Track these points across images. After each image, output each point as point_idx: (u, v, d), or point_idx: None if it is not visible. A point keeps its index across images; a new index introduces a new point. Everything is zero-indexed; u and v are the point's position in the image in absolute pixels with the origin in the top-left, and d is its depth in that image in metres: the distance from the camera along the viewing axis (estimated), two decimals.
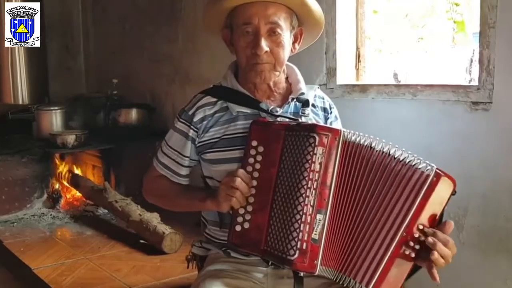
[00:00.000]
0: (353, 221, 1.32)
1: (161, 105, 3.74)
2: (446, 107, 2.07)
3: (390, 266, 1.27)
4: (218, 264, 1.55)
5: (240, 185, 1.34)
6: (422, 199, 1.26)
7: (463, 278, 2.05)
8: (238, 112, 1.51)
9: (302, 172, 1.29)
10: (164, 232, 2.55)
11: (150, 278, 2.27)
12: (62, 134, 3.42)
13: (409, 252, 1.27)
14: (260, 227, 1.34)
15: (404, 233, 1.26)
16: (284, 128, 1.37)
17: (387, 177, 1.29)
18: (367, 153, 1.32)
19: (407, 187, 1.27)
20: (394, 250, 1.27)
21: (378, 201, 1.29)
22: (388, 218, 1.28)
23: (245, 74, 1.53)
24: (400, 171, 1.28)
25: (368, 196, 1.30)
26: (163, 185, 1.59)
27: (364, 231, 1.30)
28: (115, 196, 3.06)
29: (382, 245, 1.28)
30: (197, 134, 1.53)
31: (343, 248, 1.32)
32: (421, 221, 1.27)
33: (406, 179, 1.28)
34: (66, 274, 2.32)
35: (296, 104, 1.55)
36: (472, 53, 2.20)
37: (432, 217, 1.28)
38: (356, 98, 2.39)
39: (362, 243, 1.30)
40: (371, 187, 1.30)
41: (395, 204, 1.28)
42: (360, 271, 1.29)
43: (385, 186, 1.29)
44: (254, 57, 1.47)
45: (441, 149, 2.05)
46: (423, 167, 1.28)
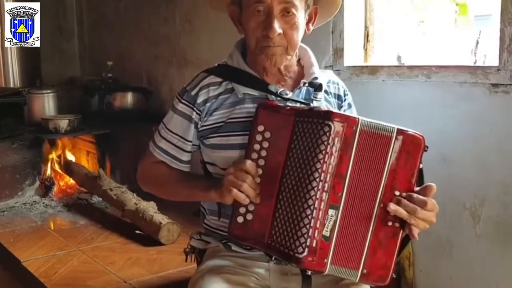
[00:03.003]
0: (359, 212, 1.24)
1: (158, 88, 3.64)
2: (462, 90, 1.94)
3: (376, 242, 1.23)
4: (218, 259, 1.47)
5: (248, 180, 1.24)
6: (391, 163, 1.21)
7: (478, 272, 1.96)
8: (245, 94, 1.40)
9: (315, 163, 1.19)
10: (161, 222, 2.44)
11: (146, 271, 2.16)
12: (54, 118, 3.30)
13: (392, 223, 1.23)
14: (264, 219, 1.26)
15: (382, 204, 1.22)
16: (294, 113, 1.27)
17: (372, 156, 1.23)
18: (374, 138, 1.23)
19: (379, 157, 1.22)
20: (376, 225, 1.22)
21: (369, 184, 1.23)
22: (370, 195, 1.23)
23: (254, 57, 1.42)
24: (377, 143, 1.22)
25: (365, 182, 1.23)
26: (161, 173, 1.49)
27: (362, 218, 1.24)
28: (110, 183, 2.95)
29: (365, 224, 1.23)
30: (200, 117, 1.42)
31: (351, 244, 1.24)
32: (397, 187, 1.22)
33: (376, 149, 1.22)
34: (57, 267, 2.20)
35: (308, 89, 1.44)
36: (479, 34, 2.10)
37: (408, 180, 1.23)
38: (365, 80, 2.26)
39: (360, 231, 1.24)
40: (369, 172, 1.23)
41: (372, 178, 1.23)
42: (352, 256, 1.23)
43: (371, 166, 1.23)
44: (265, 40, 1.35)
45: (457, 134, 1.94)
46: (387, 130, 1.21)
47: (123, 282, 2.04)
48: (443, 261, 2.04)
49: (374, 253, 1.23)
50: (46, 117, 3.36)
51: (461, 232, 1.96)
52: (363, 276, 1.24)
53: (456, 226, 1.98)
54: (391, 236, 1.24)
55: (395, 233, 1.24)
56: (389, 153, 1.22)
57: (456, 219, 1.97)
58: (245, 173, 1.25)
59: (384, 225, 1.23)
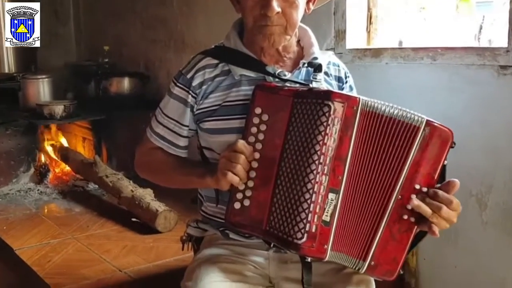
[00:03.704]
0: (364, 197, 1.19)
1: (155, 73, 3.56)
2: (469, 72, 1.88)
3: (389, 235, 1.18)
4: (215, 248, 1.44)
5: (241, 160, 1.19)
6: (415, 155, 1.15)
7: (484, 261, 1.91)
8: (241, 76, 1.35)
9: (314, 145, 1.15)
10: (157, 210, 2.38)
11: (142, 260, 2.10)
12: (49, 104, 3.23)
13: (408, 217, 1.17)
14: (262, 205, 1.21)
15: (400, 196, 1.17)
16: (293, 94, 1.22)
17: (388, 142, 1.17)
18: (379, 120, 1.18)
19: (400, 145, 1.16)
20: (390, 217, 1.17)
21: (380, 170, 1.18)
22: (384, 184, 1.18)
23: (252, 37, 1.36)
24: (395, 130, 1.17)
25: (375, 167, 1.18)
26: (158, 159, 1.45)
27: (370, 205, 1.19)
28: (106, 170, 2.89)
29: (378, 213, 1.18)
30: (196, 101, 1.38)
31: (355, 230, 1.19)
32: (418, 181, 1.16)
33: (398, 137, 1.17)
34: (51, 255, 2.14)
35: (308, 70, 1.38)
36: (482, 19, 2.05)
37: (430, 175, 1.17)
38: (368, 64, 2.20)
39: (366, 218, 1.20)
40: (378, 157, 1.18)
41: (390, 168, 1.17)
42: (360, 246, 1.19)
43: (385, 151, 1.17)
44: (263, 18, 1.30)
45: (464, 118, 1.87)
46: (413, 120, 1.15)
47: (118, 271, 1.99)
48: (448, 250, 1.99)
49: (385, 246, 1.18)
50: (41, 102, 3.29)
51: (467, 220, 1.90)
52: (370, 268, 1.20)
53: (462, 213, 1.88)
54: (405, 230, 1.18)
55: (410, 228, 1.18)
56: (414, 144, 1.16)
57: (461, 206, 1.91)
58: (239, 155, 1.20)
59: (399, 218, 1.18)
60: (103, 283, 1.88)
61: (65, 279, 1.90)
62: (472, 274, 1.94)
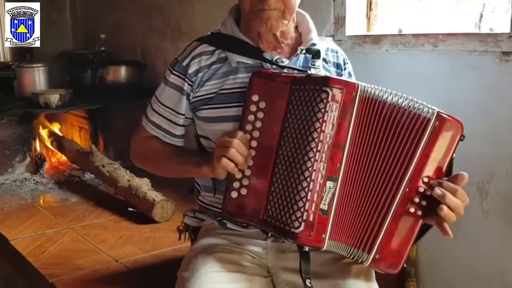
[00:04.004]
0: (364, 186, 1.17)
1: (152, 61, 3.52)
2: (471, 59, 1.84)
3: (394, 228, 1.16)
4: (212, 237, 1.42)
5: (238, 148, 1.17)
6: (424, 148, 1.13)
7: (485, 250, 1.88)
8: (238, 63, 1.33)
9: (312, 132, 1.14)
10: (154, 200, 2.35)
11: (139, 250, 2.07)
12: (45, 93, 3.19)
13: (414, 210, 1.15)
14: (260, 193, 1.20)
15: (407, 189, 1.14)
16: (290, 81, 1.20)
17: (394, 131, 1.15)
18: (381, 107, 1.15)
19: (409, 137, 1.14)
20: (397, 209, 1.15)
21: (385, 160, 1.16)
22: (391, 176, 1.16)
23: (249, 22, 1.33)
24: (404, 120, 1.15)
25: (378, 156, 1.17)
26: (154, 148, 1.43)
27: (372, 195, 1.17)
28: (102, 160, 2.85)
29: (384, 205, 1.16)
30: (192, 88, 1.36)
31: (354, 219, 1.17)
32: (426, 173, 1.14)
33: (407, 128, 1.14)
34: (46, 246, 2.11)
35: (306, 56, 1.36)
36: (483, 7, 2.00)
37: (439, 168, 1.15)
38: (368, 51, 2.16)
39: (369, 209, 1.18)
40: (381, 146, 1.16)
41: (398, 159, 1.15)
42: (364, 238, 1.17)
43: (391, 141, 1.15)
44: (260, 2, 1.27)
45: (465, 106, 1.84)
46: (424, 111, 1.13)
47: (114, 261, 1.96)
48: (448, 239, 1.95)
49: (390, 239, 1.16)
50: (36, 91, 3.25)
51: (468, 208, 1.82)
52: (375, 261, 1.18)
53: None
54: (411, 223, 1.16)
55: (416, 221, 1.16)
56: (424, 136, 1.14)
57: None
58: (235, 142, 1.19)
59: (406, 211, 1.16)
60: (99, 274, 1.85)
61: (61, 270, 1.87)
62: (472, 263, 1.92)
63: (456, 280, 1.97)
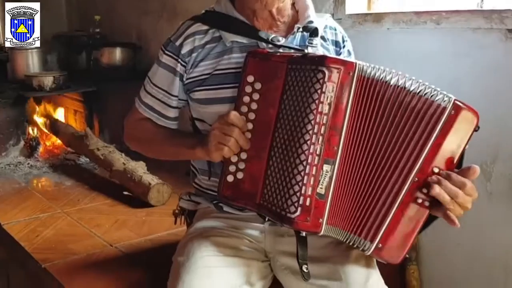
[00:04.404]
0: (365, 171, 1.12)
1: (148, 43, 3.44)
2: (476, 36, 1.78)
3: (400, 217, 1.11)
4: (208, 221, 1.40)
5: (235, 133, 1.14)
6: (437, 137, 1.09)
7: (488, 233, 1.84)
8: (233, 42, 1.29)
9: (308, 114, 1.10)
10: (150, 183, 2.30)
11: (134, 234, 2.03)
12: (38, 75, 3.12)
13: (422, 200, 1.10)
14: (256, 177, 1.18)
15: (416, 178, 1.10)
16: (286, 61, 1.17)
17: (401, 116, 1.11)
18: (384, 89, 1.10)
19: (421, 124, 1.10)
20: (404, 199, 1.11)
21: (391, 145, 1.12)
22: (399, 163, 1.11)
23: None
24: (416, 106, 1.10)
25: (382, 140, 1.12)
26: (147, 130, 1.40)
27: (375, 181, 1.13)
28: (97, 143, 2.80)
29: (390, 193, 1.12)
30: (185, 69, 1.32)
31: (353, 204, 1.14)
32: (437, 163, 1.10)
33: (419, 114, 1.10)
34: (40, 230, 2.07)
35: (303, 35, 1.32)
36: None
37: (450, 158, 1.10)
38: (368, 29, 2.10)
39: (372, 195, 1.14)
40: (385, 129, 1.12)
41: (407, 146, 1.11)
42: (367, 226, 1.13)
43: (399, 126, 1.11)
44: None
45: (469, 85, 1.78)
46: (439, 99, 1.07)
47: (109, 246, 1.91)
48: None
49: (395, 228, 1.12)
50: (30, 74, 3.18)
51: None
52: (377, 250, 1.14)
53: None
54: (418, 214, 1.12)
55: (423, 212, 1.12)
56: (438, 124, 1.09)
57: None
58: (231, 126, 1.15)
59: (413, 201, 1.11)
60: (93, 258, 1.81)
61: (54, 254, 1.83)
62: (474, 246, 1.88)
63: (459, 263, 1.94)
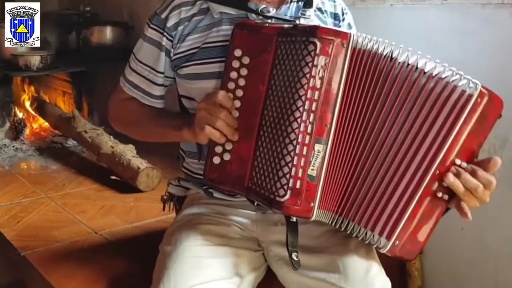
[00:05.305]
0: (364, 153, 1.05)
1: (140, 23, 3.31)
2: (485, 13, 1.68)
3: (418, 212, 1.03)
4: (197, 207, 1.33)
5: (223, 115, 1.09)
6: (461, 126, 1.00)
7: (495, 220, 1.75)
8: (221, 14, 1.24)
9: (298, 89, 1.03)
10: (139, 167, 2.20)
11: (121, 220, 1.93)
12: (25, 54, 3.01)
13: (442, 195, 1.02)
14: (244, 159, 1.11)
15: (438, 171, 1.01)
16: (276, 33, 1.09)
17: (414, 99, 1.02)
18: (386, 65, 1.02)
19: (442, 111, 1.01)
20: (423, 192, 1.02)
21: (403, 130, 1.04)
22: (417, 152, 1.03)
23: None
24: (433, 90, 1.01)
25: (388, 122, 1.04)
26: (132, 111, 1.33)
27: (379, 166, 1.05)
28: (85, 125, 2.71)
29: (408, 187, 1.03)
30: (172, 44, 1.24)
31: (348, 187, 1.07)
32: (459, 155, 1.02)
33: (440, 100, 1.01)
34: (21, 215, 1.97)
35: (298, 6, 1.24)
36: None
37: (473, 149, 1.03)
38: (370, 6, 2.01)
39: (376, 182, 1.06)
40: (392, 110, 1.04)
41: (425, 135, 1.02)
42: (380, 221, 1.04)
43: (413, 110, 1.03)
44: None
45: (478, 64, 1.66)
46: (463, 84, 0.98)
47: (94, 233, 1.82)
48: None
49: (412, 224, 1.04)
50: (16, 53, 3.06)
51: None
52: (393, 247, 1.05)
53: None
54: (436, 208, 1.04)
55: (442, 206, 1.04)
56: (463, 113, 1.00)
57: None
58: (219, 107, 1.08)
59: (433, 195, 1.03)
60: (76, 246, 1.72)
61: (35, 242, 1.74)
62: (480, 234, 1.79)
63: (463, 252, 1.86)
